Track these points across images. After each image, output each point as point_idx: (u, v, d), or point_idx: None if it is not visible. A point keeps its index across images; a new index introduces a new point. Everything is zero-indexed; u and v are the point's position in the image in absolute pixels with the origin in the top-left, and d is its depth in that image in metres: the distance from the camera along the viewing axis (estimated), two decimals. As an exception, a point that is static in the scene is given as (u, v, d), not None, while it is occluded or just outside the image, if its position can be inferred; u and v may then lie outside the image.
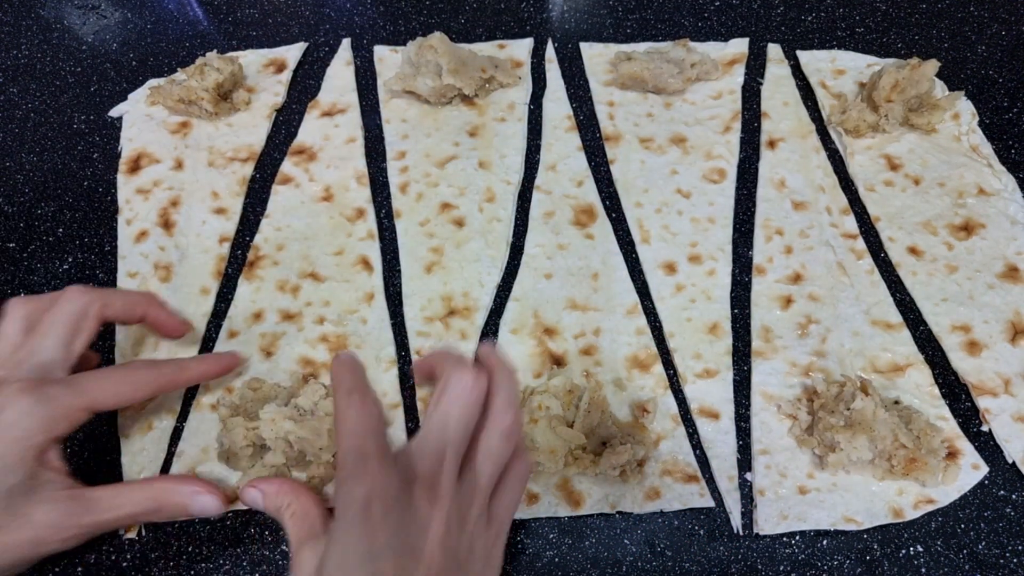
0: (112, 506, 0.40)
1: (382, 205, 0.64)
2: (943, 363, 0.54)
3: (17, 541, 0.37)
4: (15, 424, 0.38)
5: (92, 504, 0.40)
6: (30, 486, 0.38)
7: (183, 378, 0.45)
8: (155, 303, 0.49)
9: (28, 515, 0.38)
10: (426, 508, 0.34)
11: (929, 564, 0.45)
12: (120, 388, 0.42)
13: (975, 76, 0.72)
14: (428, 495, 0.34)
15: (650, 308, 0.57)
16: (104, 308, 0.45)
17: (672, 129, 0.68)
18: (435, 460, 0.35)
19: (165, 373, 0.44)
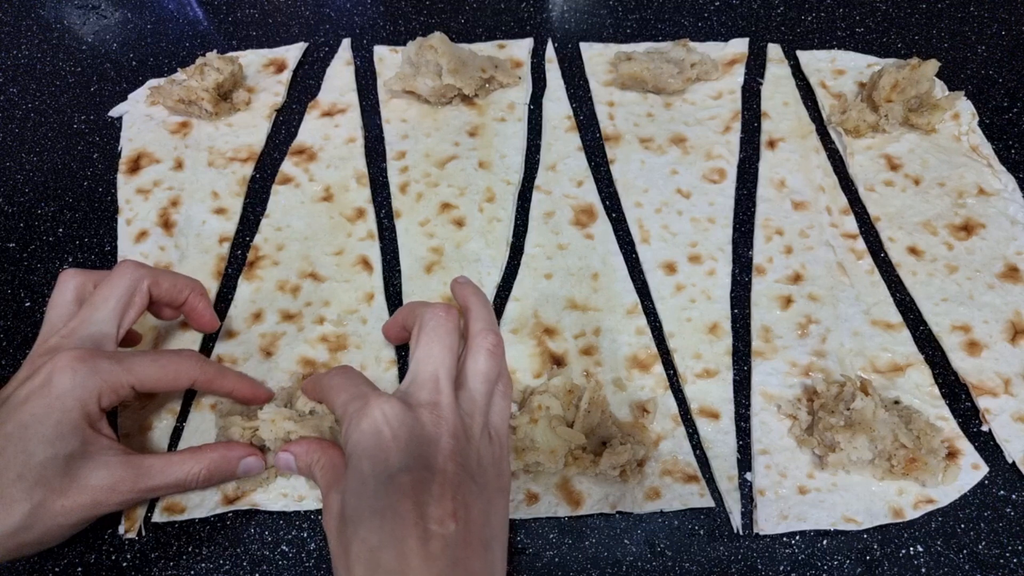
0: (165, 472, 0.42)
1: (382, 205, 0.64)
2: (943, 363, 0.54)
3: (78, 504, 0.39)
4: (69, 392, 0.39)
5: (146, 470, 0.41)
6: (86, 452, 0.39)
7: (220, 383, 0.46)
8: (198, 291, 0.49)
9: (86, 479, 0.39)
10: (432, 426, 0.36)
11: (929, 564, 0.45)
12: (164, 373, 0.43)
13: (975, 76, 0.72)
14: (432, 415, 0.37)
15: (650, 308, 0.57)
16: (153, 285, 0.46)
17: (672, 129, 0.68)
18: (431, 387, 0.38)
19: (207, 372, 0.45)
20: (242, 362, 0.53)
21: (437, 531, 0.34)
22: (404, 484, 0.34)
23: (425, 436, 0.36)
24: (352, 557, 0.34)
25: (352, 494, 0.35)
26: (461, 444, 0.37)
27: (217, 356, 0.54)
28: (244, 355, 0.54)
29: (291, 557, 0.46)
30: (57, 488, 0.38)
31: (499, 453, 0.39)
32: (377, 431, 0.36)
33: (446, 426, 0.37)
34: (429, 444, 0.36)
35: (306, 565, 0.45)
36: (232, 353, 0.54)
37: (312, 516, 0.47)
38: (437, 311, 0.41)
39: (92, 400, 0.40)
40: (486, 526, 0.36)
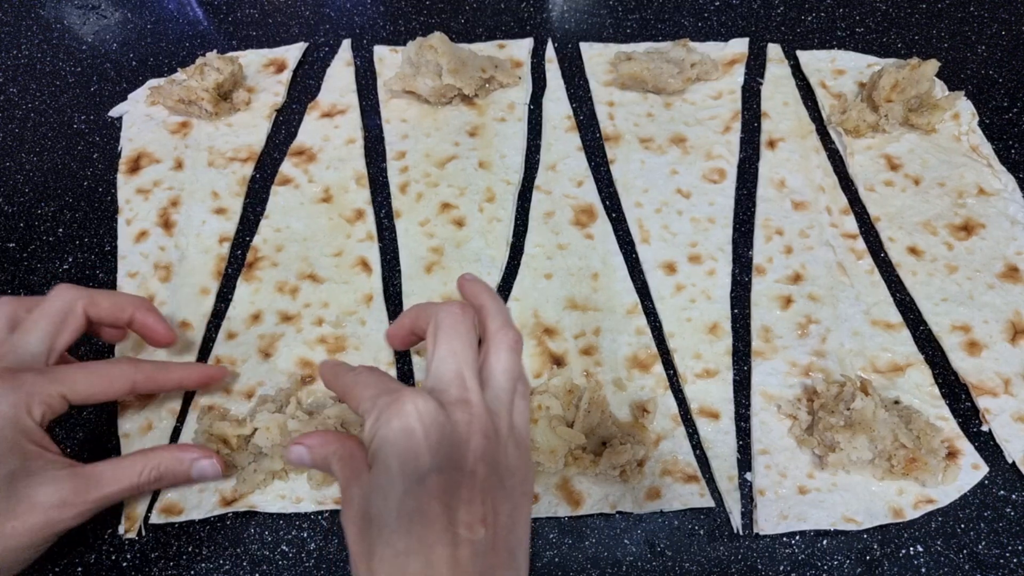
0: (115, 479, 0.41)
1: (382, 205, 0.64)
2: (943, 363, 0.54)
3: (28, 525, 0.37)
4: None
5: (95, 479, 0.40)
6: (28, 469, 0.38)
7: (163, 380, 0.45)
8: (143, 307, 0.47)
9: (34, 497, 0.38)
10: (465, 425, 0.35)
11: (929, 564, 0.45)
12: (97, 380, 0.41)
13: (975, 76, 0.72)
14: (465, 413, 0.35)
15: (650, 308, 0.57)
16: (90, 306, 0.45)
17: (672, 129, 0.68)
18: (458, 384, 0.36)
19: (144, 371, 0.43)
20: (240, 363, 0.53)
21: (466, 537, 0.32)
22: (434, 486, 0.33)
23: (457, 436, 0.35)
24: (376, 560, 0.32)
25: (379, 493, 0.34)
26: (492, 445, 0.35)
27: (216, 357, 0.54)
28: (243, 356, 0.54)
29: (291, 557, 0.46)
30: (4, 511, 0.37)
31: (524, 456, 0.38)
32: (409, 429, 0.34)
33: (478, 424, 0.35)
34: (460, 445, 0.34)
35: (306, 565, 0.45)
36: (231, 354, 0.54)
37: (312, 516, 0.47)
38: (453, 308, 0.39)
39: (23, 415, 0.39)
40: (512, 532, 0.35)
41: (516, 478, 0.36)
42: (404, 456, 0.33)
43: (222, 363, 0.53)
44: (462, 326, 0.38)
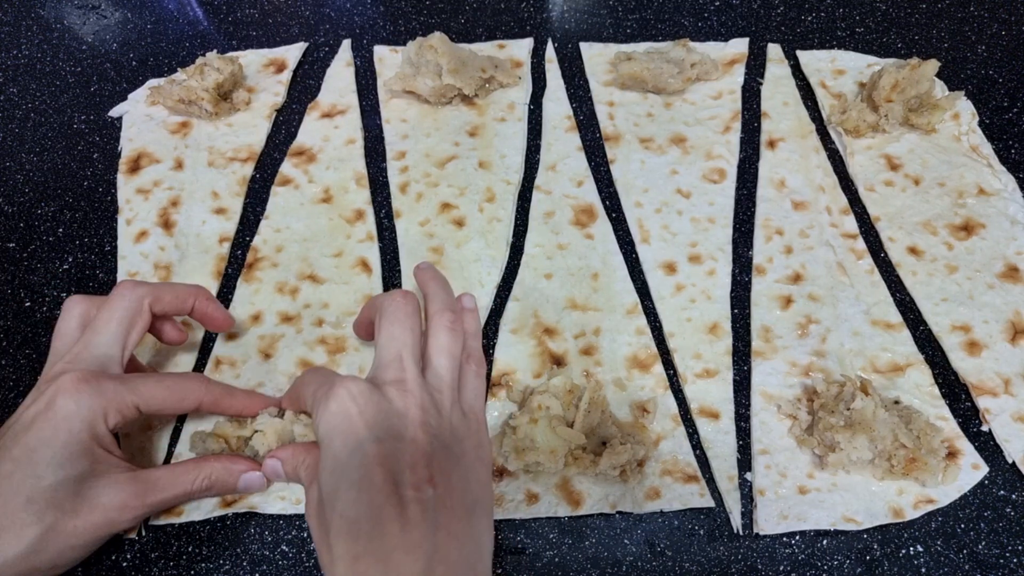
0: (171, 485, 0.42)
1: (382, 205, 0.64)
2: (943, 363, 0.54)
3: (91, 523, 0.39)
4: (75, 414, 0.39)
5: (152, 484, 0.42)
6: (95, 471, 0.40)
7: (228, 403, 0.46)
8: (203, 296, 0.49)
9: (97, 498, 0.39)
10: (400, 401, 0.37)
11: (929, 564, 0.45)
12: (169, 395, 0.43)
13: (975, 76, 0.72)
14: (399, 391, 0.37)
15: (650, 308, 0.57)
16: (155, 302, 0.46)
17: (672, 129, 0.68)
18: (396, 366, 0.39)
19: (213, 392, 0.45)
20: (240, 364, 0.53)
21: (413, 496, 0.34)
22: (375, 454, 0.35)
23: (393, 410, 0.37)
24: (332, 534, 0.34)
25: (327, 473, 0.36)
26: (431, 416, 0.37)
27: (216, 358, 0.54)
28: (243, 357, 0.54)
29: (291, 557, 0.46)
30: (69, 509, 0.38)
31: (475, 427, 0.40)
32: (344, 410, 0.36)
33: (413, 399, 0.37)
34: (398, 417, 0.36)
35: (306, 565, 0.45)
36: (231, 355, 0.54)
37: (312, 516, 0.47)
38: (394, 296, 0.42)
39: (99, 421, 0.40)
40: (467, 492, 0.36)
41: (466, 446, 0.38)
42: (343, 434, 0.36)
43: (222, 364, 0.53)
44: (402, 312, 0.41)
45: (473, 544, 0.35)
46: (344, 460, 0.35)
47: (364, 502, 0.34)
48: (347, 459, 0.35)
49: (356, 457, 0.35)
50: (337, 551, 0.34)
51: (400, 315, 0.41)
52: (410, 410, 0.37)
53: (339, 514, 0.34)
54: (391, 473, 0.34)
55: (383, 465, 0.34)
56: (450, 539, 0.34)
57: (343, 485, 0.35)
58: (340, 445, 0.36)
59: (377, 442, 0.35)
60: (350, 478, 0.34)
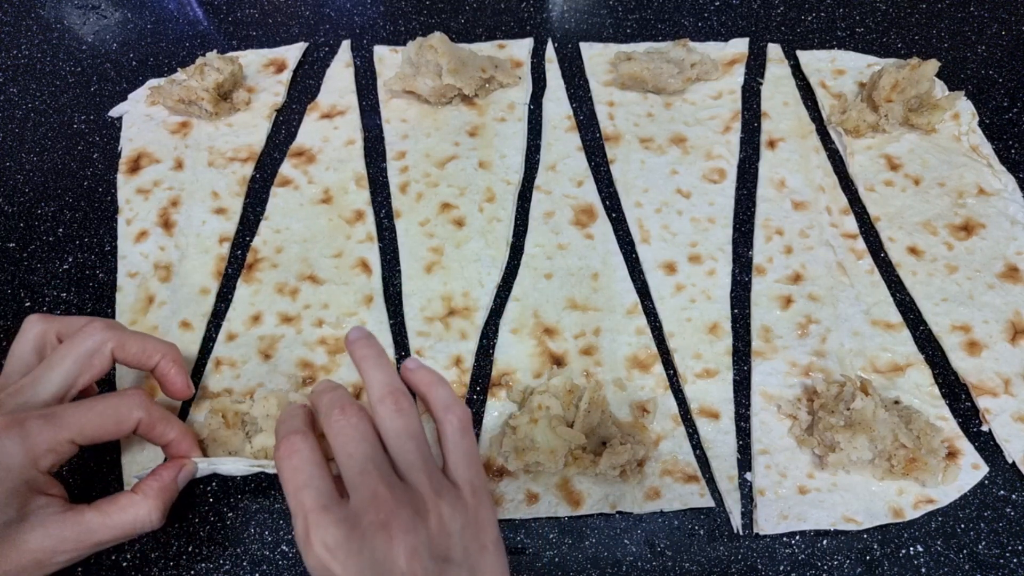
0: (109, 525, 0.40)
1: (382, 205, 0.64)
2: (943, 363, 0.54)
3: (18, 565, 0.37)
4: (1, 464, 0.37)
5: (86, 526, 0.39)
6: (23, 515, 0.38)
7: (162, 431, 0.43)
8: (170, 357, 0.46)
9: (24, 542, 0.37)
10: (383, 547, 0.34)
11: (929, 564, 0.45)
12: (103, 421, 0.40)
13: (975, 76, 0.72)
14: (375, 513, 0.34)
15: (650, 308, 0.57)
16: (118, 349, 0.44)
17: (672, 129, 0.68)
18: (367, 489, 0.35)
19: (153, 414, 0.42)
20: (240, 364, 0.53)
21: None
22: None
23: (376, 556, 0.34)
24: None
25: None
26: (420, 536, 0.34)
27: (216, 359, 0.54)
28: (242, 358, 0.54)
29: (291, 557, 0.46)
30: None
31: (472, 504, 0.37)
32: (324, 566, 0.34)
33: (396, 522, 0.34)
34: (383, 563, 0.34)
35: (306, 565, 0.45)
36: (231, 355, 0.54)
37: (312, 516, 0.47)
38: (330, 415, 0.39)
39: (28, 467, 0.38)
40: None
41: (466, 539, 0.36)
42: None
43: (222, 364, 0.53)
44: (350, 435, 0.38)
45: None
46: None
47: None
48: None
49: None
50: None
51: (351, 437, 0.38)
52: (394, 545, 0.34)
53: None
54: None
55: None
56: None
57: None
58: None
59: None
60: None
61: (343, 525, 0.34)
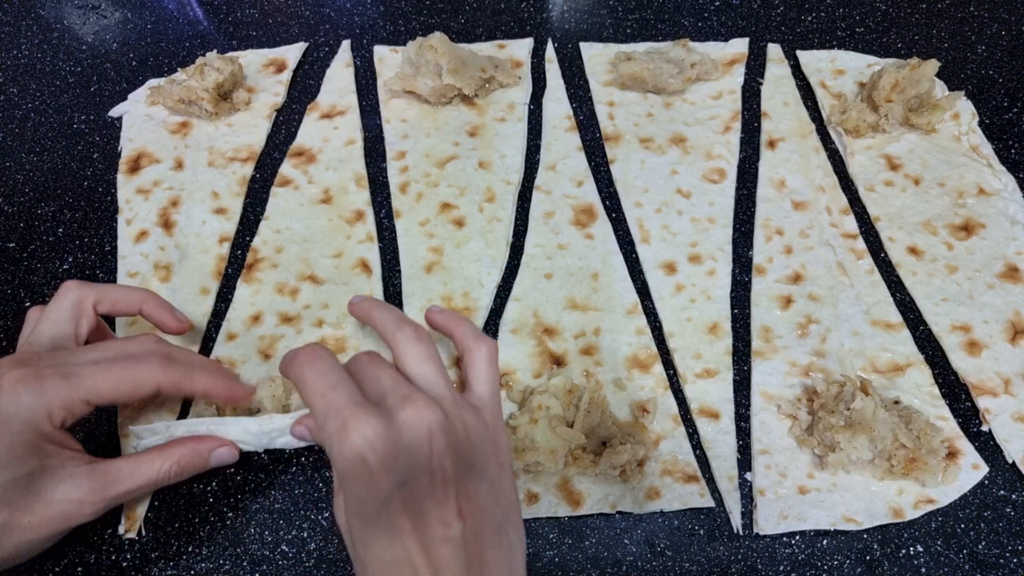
0: (134, 475, 0.41)
1: (382, 205, 0.64)
2: (943, 363, 0.54)
3: (46, 517, 0.38)
4: (14, 416, 0.38)
5: (113, 476, 0.41)
6: (47, 467, 0.39)
7: (190, 384, 0.43)
8: (151, 301, 0.48)
9: (52, 494, 0.39)
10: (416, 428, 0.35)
11: (929, 564, 0.45)
12: (121, 383, 0.41)
13: (975, 76, 0.72)
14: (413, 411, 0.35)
15: (650, 308, 0.57)
16: (98, 303, 0.45)
17: (672, 129, 0.68)
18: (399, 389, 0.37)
19: (172, 374, 0.42)
20: (240, 364, 0.53)
21: (442, 536, 0.33)
22: (399, 503, 0.34)
23: (412, 443, 0.35)
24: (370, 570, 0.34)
25: (354, 516, 0.35)
26: (449, 433, 0.36)
27: (216, 359, 0.54)
28: (242, 357, 0.54)
29: (291, 557, 0.46)
30: (22, 506, 0.38)
31: (491, 425, 0.39)
32: (361, 457, 0.34)
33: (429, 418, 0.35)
34: (418, 447, 0.35)
35: (306, 565, 0.45)
36: (231, 355, 0.54)
37: (312, 516, 0.47)
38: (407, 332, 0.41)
39: (43, 421, 0.38)
40: (496, 509, 0.36)
41: (486, 452, 0.37)
42: (364, 484, 0.34)
43: (222, 364, 0.53)
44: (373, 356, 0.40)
45: (505, 566, 0.35)
46: (370, 508, 0.34)
47: (397, 548, 0.33)
48: (373, 508, 0.34)
49: (381, 507, 0.34)
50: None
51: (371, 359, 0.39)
52: (431, 436, 0.35)
53: (375, 556, 0.34)
54: (418, 516, 0.34)
55: (409, 511, 0.34)
56: (483, 567, 0.34)
57: (372, 531, 0.34)
58: (364, 491, 0.35)
59: (401, 487, 0.34)
60: (378, 525, 0.34)
61: (381, 419, 0.35)
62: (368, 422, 0.35)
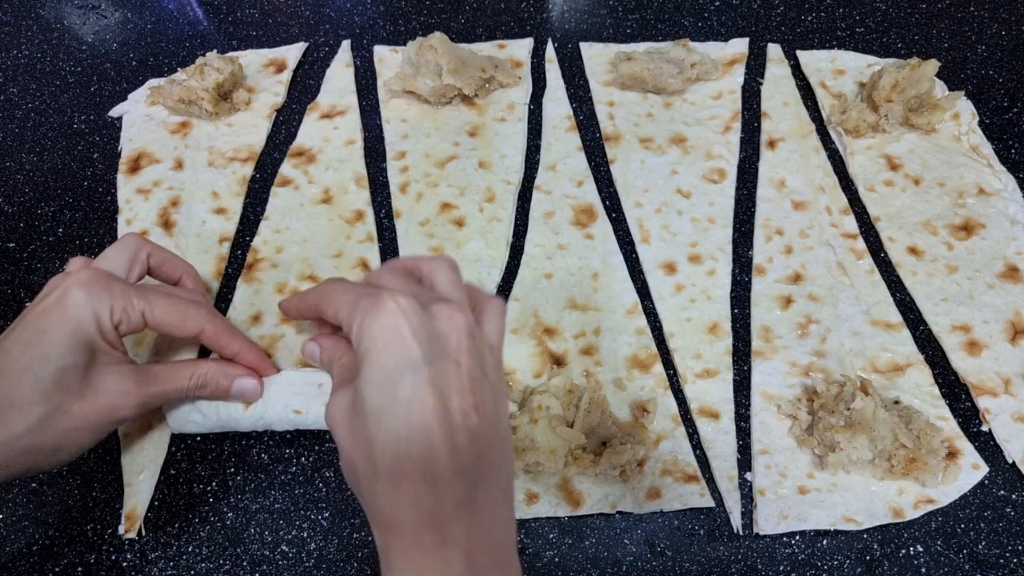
0: (169, 378, 0.44)
1: (382, 205, 0.64)
2: (943, 363, 0.54)
3: (96, 406, 0.41)
4: (84, 305, 0.41)
5: (153, 375, 0.44)
6: (101, 360, 0.42)
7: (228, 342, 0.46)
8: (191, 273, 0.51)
9: (103, 383, 0.42)
10: (447, 321, 0.36)
11: (929, 564, 0.45)
12: (174, 312, 0.44)
13: (975, 76, 0.72)
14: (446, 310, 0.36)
15: (650, 308, 0.57)
16: (152, 257, 0.48)
17: (672, 129, 0.68)
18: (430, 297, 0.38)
19: (217, 325, 0.46)
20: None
21: (462, 423, 0.34)
22: (427, 376, 0.34)
23: (441, 331, 0.36)
24: (377, 448, 0.34)
25: (374, 388, 0.35)
26: (474, 342, 0.37)
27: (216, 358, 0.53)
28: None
29: (291, 557, 0.46)
30: (75, 391, 0.41)
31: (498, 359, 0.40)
32: (396, 325, 0.35)
33: (459, 321, 0.36)
34: (446, 338, 0.36)
35: (306, 565, 0.45)
36: (232, 353, 0.54)
37: (312, 516, 0.47)
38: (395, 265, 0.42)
39: (105, 316, 0.41)
40: (499, 424, 0.37)
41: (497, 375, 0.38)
42: (396, 350, 0.35)
43: None
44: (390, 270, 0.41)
45: (505, 474, 0.36)
46: (395, 377, 0.34)
47: (415, 422, 0.34)
48: (398, 376, 0.34)
49: (408, 376, 0.34)
50: (382, 464, 0.34)
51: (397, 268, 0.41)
52: (459, 333, 0.36)
53: (387, 430, 0.34)
54: (442, 397, 0.34)
55: (435, 387, 0.34)
56: (489, 468, 0.35)
57: (393, 402, 0.34)
58: (391, 361, 0.35)
59: (430, 363, 0.34)
60: (401, 397, 0.34)
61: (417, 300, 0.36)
62: (404, 297, 0.36)
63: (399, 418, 0.34)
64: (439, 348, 0.35)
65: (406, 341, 0.35)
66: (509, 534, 0.35)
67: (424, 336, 0.35)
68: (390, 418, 0.34)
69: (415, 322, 0.35)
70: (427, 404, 0.34)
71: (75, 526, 0.47)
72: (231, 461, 0.49)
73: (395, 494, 0.33)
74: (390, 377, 0.34)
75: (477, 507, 0.34)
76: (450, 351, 0.35)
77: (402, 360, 0.34)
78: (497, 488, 0.35)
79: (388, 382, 0.34)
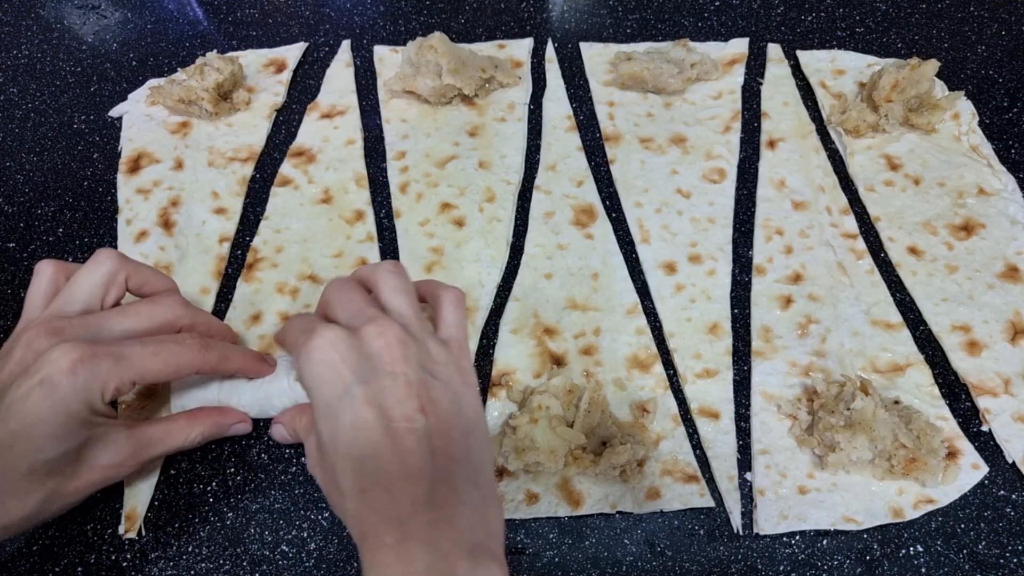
0: (165, 441, 0.45)
1: (382, 205, 0.64)
2: (943, 363, 0.54)
3: (90, 482, 0.42)
4: (71, 395, 0.40)
5: (148, 438, 0.44)
6: (93, 438, 0.41)
7: (225, 367, 0.46)
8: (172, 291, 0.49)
9: (95, 460, 0.42)
10: (378, 340, 0.38)
11: (929, 564, 0.45)
12: (165, 366, 0.43)
13: (975, 76, 0.72)
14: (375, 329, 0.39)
15: (650, 308, 0.57)
16: (130, 279, 0.46)
17: (672, 129, 0.68)
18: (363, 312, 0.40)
19: (210, 360, 0.45)
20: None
21: (406, 428, 0.36)
22: (363, 395, 0.36)
23: (373, 351, 0.38)
24: (340, 476, 0.36)
25: (323, 420, 0.37)
26: (410, 348, 0.38)
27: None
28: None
29: (291, 557, 0.46)
30: (69, 474, 0.41)
31: (457, 354, 0.41)
32: (326, 359, 0.38)
33: (390, 335, 0.38)
34: (379, 357, 0.38)
35: (306, 565, 0.45)
36: (232, 353, 0.54)
37: (312, 516, 0.47)
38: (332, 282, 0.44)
39: (96, 399, 0.40)
40: (460, 416, 0.38)
41: (450, 372, 0.40)
42: (331, 382, 0.37)
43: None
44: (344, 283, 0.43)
45: (471, 464, 0.37)
46: (336, 406, 0.37)
47: (362, 440, 0.36)
48: (338, 404, 0.37)
49: (346, 401, 0.37)
50: (345, 487, 0.36)
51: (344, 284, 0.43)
52: (390, 347, 0.38)
53: (343, 455, 0.36)
54: (382, 410, 0.36)
55: (372, 403, 0.36)
56: (448, 461, 0.36)
57: (339, 429, 0.37)
58: (329, 392, 0.37)
59: (364, 383, 0.37)
60: (344, 422, 0.36)
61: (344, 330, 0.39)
62: (332, 330, 0.39)
63: (348, 441, 0.36)
64: (371, 367, 0.37)
65: (338, 371, 0.37)
66: (483, 517, 0.36)
67: (354, 361, 0.38)
68: (342, 444, 0.36)
69: (343, 350, 0.38)
70: (368, 421, 0.36)
71: (75, 526, 0.47)
72: (231, 461, 0.49)
73: (360, 507, 0.36)
74: (331, 408, 0.37)
75: (439, 500, 0.35)
76: (383, 366, 0.37)
77: (338, 389, 0.37)
78: (462, 477, 0.36)
79: (331, 413, 0.37)
